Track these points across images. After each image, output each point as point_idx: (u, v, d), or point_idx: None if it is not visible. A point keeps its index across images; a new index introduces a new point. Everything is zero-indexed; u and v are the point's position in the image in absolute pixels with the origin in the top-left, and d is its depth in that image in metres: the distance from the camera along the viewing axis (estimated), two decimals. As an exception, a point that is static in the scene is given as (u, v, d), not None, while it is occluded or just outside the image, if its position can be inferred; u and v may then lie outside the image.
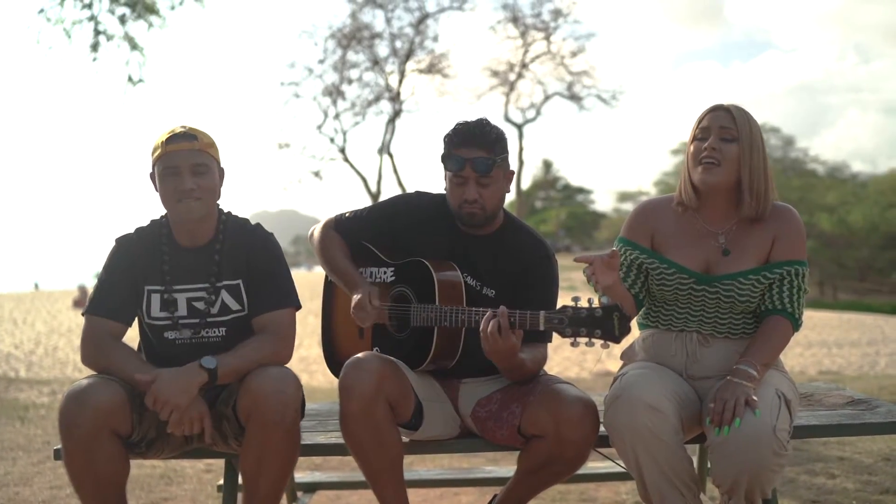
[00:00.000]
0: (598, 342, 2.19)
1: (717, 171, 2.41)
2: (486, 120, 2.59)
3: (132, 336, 2.56)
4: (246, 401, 2.34)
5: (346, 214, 2.80)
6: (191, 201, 2.47)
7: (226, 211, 2.63)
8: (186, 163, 2.46)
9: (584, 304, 2.21)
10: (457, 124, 2.59)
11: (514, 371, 2.48)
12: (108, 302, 2.53)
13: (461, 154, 2.53)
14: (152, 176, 2.54)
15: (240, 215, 2.66)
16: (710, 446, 2.25)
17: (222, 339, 2.54)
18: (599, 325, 2.18)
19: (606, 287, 2.33)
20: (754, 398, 2.21)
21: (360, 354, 2.45)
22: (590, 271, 2.31)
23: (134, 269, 2.55)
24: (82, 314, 2.55)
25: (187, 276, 2.55)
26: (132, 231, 2.62)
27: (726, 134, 2.41)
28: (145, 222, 2.65)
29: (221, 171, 2.59)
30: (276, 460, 2.35)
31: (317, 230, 2.83)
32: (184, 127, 2.52)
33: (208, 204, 2.52)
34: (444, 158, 2.58)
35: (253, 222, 2.65)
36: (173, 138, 2.48)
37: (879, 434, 2.71)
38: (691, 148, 2.48)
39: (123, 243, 2.59)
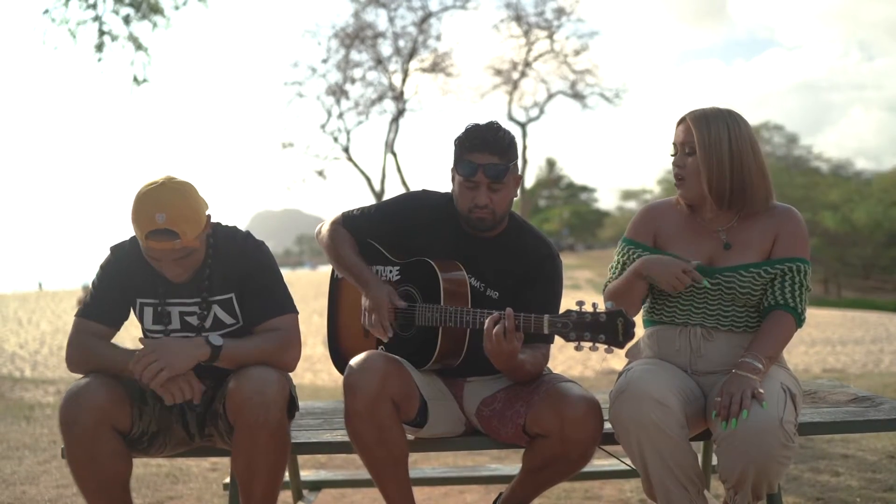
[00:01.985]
0: (602, 347, 2.20)
1: (685, 186, 2.50)
2: (498, 124, 2.57)
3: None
4: (231, 402, 2.35)
5: (355, 211, 2.80)
6: (176, 277, 2.47)
7: (213, 222, 2.58)
8: (168, 258, 2.39)
9: (588, 308, 2.22)
10: (468, 127, 2.56)
11: (514, 372, 2.48)
12: (98, 307, 2.53)
13: (474, 159, 2.51)
14: None
15: (227, 224, 2.63)
16: (716, 440, 2.26)
17: None
18: (603, 330, 2.18)
19: None
20: (761, 391, 2.23)
21: (364, 353, 2.46)
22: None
23: (126, 279, 2.54)
24: (74, 316, 2.56)
25: (179, 290, 2.53)
26: (127, 240, 2.59)
27: (687, 147, 2.48)
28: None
29: (207, 220, 2.46)
30: (265, 462, 2.35)
31: (325, 227, 2.82)
32: (163, 217, 2.31)
33: (194, 266, 2.49)
34: (456, 163, 2.56)
35: (255, 223, 2.66)
36: (154, 235, 2.33)
37: (883, 431, 2.73)
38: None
39: (117, 252, 2.58)
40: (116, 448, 2.35)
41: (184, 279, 2.50)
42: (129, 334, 2.59)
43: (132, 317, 2.63)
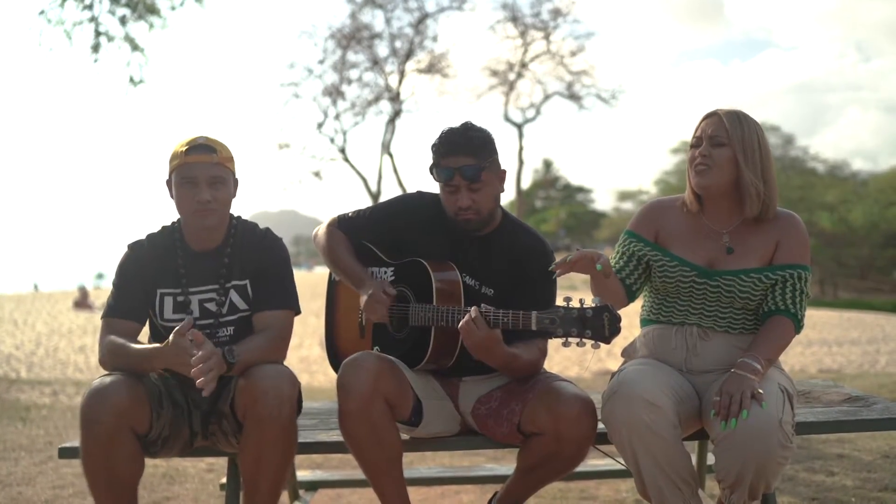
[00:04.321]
0: (589, 342, 2.20)
1: (709, 175, 2.48)
2: (471, 124, 2.60)
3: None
4: (243, 398, 2.37)
5: (349, 214, 2.82)
6: (206, 213, 2.53)
7: (236, 215, 2.69)
8: (204, 175, 2.52)
9: (575, 304, 2.22)
10: (441, 133, 2.59)
11: (509, 365, 2.46)
12: (123, 304, 2.59)
13: (448, 164, 2.54)
14: (169, 183, 2.59)
15: (249, 219, 2.71)
16: (714, 440, 2.27)
17: (230, 338, 2.59)
18: (590, 325, 2.18)
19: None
20: (760, 391, 2.24)
21: (357, 354, 2.47)
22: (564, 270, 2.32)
23: (146, 274, 2.61)
24: (101, 318, 2.61)
25: (200, 278, 2.61)
26: (144, 238, 2.68)
27: (717, 139, 2.47)
28: (154, 227, 2.71)
29: (236, 182, 2.64)
30: (274, 456, 2.38)
31: (321, 230, 2.84)
32: (204, 138, 2.57)
33: (222, 215, 2.59)
34: (433, 169, 2.60)
35: (257, 224, 2.69)
36: (193, 149, 2.53)
37: (876, 430, 2.74)
38: (689, 155, 2.55)
39: (136, 249, 2.66)
40: (133, 450, 2.38)
41: (210, 224, 2.54)
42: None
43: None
